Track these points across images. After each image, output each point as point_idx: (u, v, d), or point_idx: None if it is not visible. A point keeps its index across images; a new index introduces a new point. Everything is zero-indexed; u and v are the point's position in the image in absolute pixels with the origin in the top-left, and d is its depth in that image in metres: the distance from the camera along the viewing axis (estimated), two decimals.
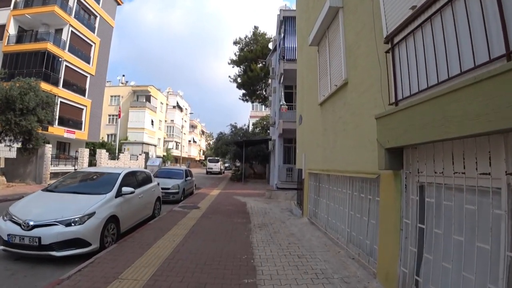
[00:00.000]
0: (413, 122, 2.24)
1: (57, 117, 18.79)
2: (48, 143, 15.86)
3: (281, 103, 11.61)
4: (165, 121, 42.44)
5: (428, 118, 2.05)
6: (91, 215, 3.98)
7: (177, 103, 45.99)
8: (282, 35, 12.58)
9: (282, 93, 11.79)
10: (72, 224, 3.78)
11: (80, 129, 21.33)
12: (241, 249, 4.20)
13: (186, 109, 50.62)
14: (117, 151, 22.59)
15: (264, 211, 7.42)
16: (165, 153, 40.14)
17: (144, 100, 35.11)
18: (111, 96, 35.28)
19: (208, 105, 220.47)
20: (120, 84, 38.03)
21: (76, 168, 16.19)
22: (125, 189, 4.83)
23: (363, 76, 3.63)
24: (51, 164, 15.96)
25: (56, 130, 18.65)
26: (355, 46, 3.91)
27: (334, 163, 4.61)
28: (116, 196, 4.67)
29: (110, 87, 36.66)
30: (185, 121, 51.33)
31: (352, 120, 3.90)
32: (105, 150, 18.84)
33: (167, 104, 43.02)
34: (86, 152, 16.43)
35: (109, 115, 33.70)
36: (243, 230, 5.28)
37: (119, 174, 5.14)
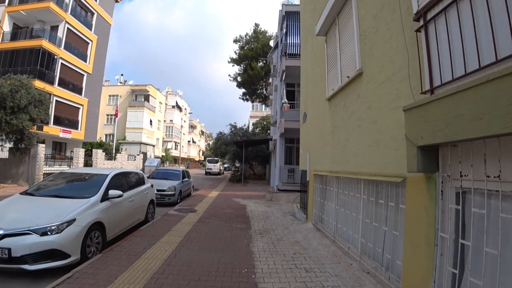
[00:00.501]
0: (460, 112, 1.77)
1: (52, 116, 18.38)
2: (42, 142, 15.38)
3: (282, 101, 11.14)
4: (164, 121, 41.95)
5: (487, 105, 1.57)
6: (70, 222, 3.50)
7: (176, 103, 45.50)
8: (284, 30, 12.13)
9: (284, 91, 11.33)
10: (48, 233, 3.30)
11: (77, 128, 20.86)
12: (240, 260, 3.71)
13: (185, 109, 50.14)
14: (114, 151, 22.07)
15: (265, 215, 6.93)
16: (164, 154, 39.63)
17: (143, 100, 34.63)
18: (110, 96, 34.82)
19: (208, 106, 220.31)
20: (119, 84, 37.56)
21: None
22: (112, 192, 4.34)
23: (382, 64, 3.16)
24: (45, 165, 15.49)
25: (52, 129, 18.18)
26: (371, 30, 3.44)
27: (345, 164, 4.13)
28: (102, 200, 4.19)
29: (108, 87, 36.26)
30: (185, 121, 50.83)
31: (369, 115, 3.43)
32: (101, 150, 18.35)
33: (166, 104, 42.53)
34: (81, 152, 15.95)
35: (107, 115, 33.23)
36: (242, 237, 4.80)
37: (107, 175, 4.66)
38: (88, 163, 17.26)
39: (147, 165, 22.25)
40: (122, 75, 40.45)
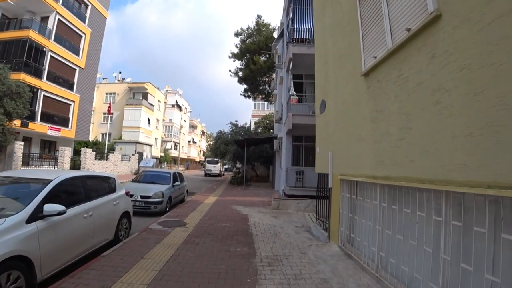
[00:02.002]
0: None
1: (39, 112, 17.07)
2: (25, 140, 14.06)
3: (290, 93, 9.71)
4: (163, 120, 40.58)
5: None
6: None
7: (176, 101, 44.15)
8: (291, 15, 10.71)
9: (291, 82, 9.91)
10: None
11: (67, 126, 19.50)
12: None
13: (185, 108, 48.74)
14: (106, 150, 20.67)
15: (273, 230, 5.47)
16: (162, 154, 38.26)
17: (141, 98, 33.30)
18: (107, 94, 33.58)
19: (209, 107, 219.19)
20: (116, 81, 36.28)
21: (56, 169, 14.37)
22: (49, 207, 2.91)
23: None
24: (27, 164, 14.20)
25: (38, 126, 16.84)
26: None
27: (404, 167, 2.67)
28: (31, 220, 2.76)
29: (105, 84, 35.05)
30: (185, 120, 49.48)
31: (463, 82, 1.97)
32: (90, 150, 16.98)
33: (165, 102, 41.18)
34: (67, 151, 14.60)
35: (104, 114, 31.92)
36: (244, 271, 3.34)
37: (49, 182, 3.23)
38: (76, 163, 15.89)
39: (142, 165, 20.87)
40: (120, 72, 38.99)
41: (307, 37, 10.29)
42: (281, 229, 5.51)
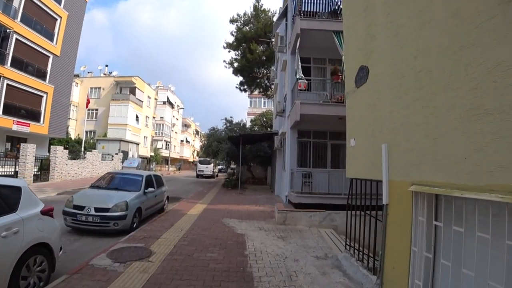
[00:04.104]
0: None
1: (1, 104, 14.78)
2: None
3: (297, 77, 7.84)
4: (154, 117, 38.25)
5: None
6: None
7: (168, 98, 41.84)
8: None
9: (299, 63, 8.05)
10: None
11: (38, 121, 17.21)
12: None
13: (178, 106, 46.41)
14: (82, 148, 18.41)
15: (285, 266, 3.57)
16: (152, 153, 35.94)
17: (128, 93, 30.96)
18: (91, 88, 31.12)
19: (204, 108, 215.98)
20: (102, 75, 33.86)
21: (17, 170, 12.16)
22: None
23: None
24: None
25: (1, 120, 14.55)
26: None
27: None
28: None
29: (90, 78, 32.62)
30: (177, 119, 47.15)
31: None
32: (62, 147, 14.76)
33: (156, 99, 38.84)
34: (30, 148, 12.38)
35: (89, 110, 29.50)
36: None
37: None
38: (44, 163, 13.67)
39: (126, 165, 18.73)
40: (106, 66, 36.57)
41: (317, 10, 8.47)
42: (297, 264, 3.61)
